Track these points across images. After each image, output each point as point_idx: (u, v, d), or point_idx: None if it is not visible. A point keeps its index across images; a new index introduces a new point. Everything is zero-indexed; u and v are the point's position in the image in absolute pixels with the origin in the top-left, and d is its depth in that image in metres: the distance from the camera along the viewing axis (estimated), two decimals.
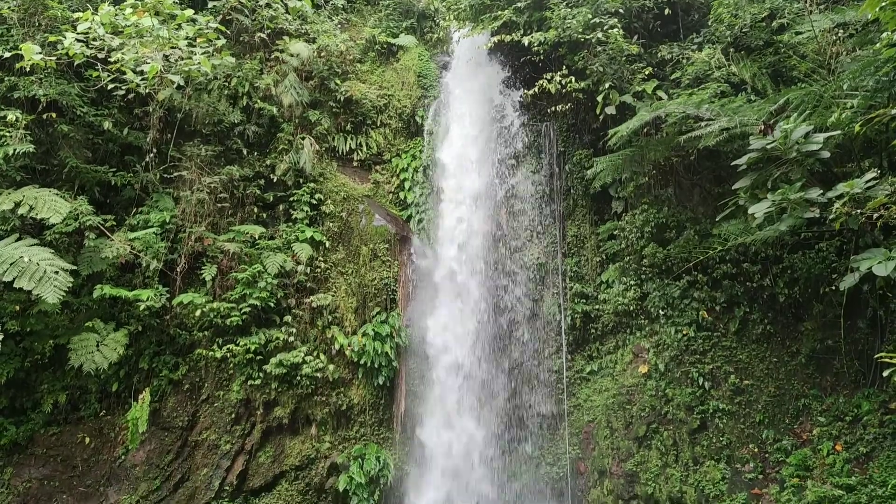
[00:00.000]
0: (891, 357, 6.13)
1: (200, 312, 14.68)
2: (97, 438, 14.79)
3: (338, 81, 17.48)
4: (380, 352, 15.38)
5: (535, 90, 15.83)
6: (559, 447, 15.13)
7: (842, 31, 12.35)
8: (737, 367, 13.42)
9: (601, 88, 14.96)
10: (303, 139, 16.53)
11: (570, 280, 15.93)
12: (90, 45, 11.26)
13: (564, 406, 15.30)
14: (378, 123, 17.77)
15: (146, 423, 14.30)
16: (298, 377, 15.05)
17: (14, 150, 13.00)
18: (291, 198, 16.44)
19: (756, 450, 12.71)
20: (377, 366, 15.42)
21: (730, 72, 13.86)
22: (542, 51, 15.76)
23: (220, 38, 12.50)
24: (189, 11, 11.16)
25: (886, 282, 9.61)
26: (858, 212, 8.50)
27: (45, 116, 13.94)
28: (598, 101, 14.99)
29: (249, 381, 14.99)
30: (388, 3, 19.94)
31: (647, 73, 14.97)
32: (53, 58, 11.50)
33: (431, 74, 18.26)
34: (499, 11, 16.49)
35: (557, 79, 15.45)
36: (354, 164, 17.51)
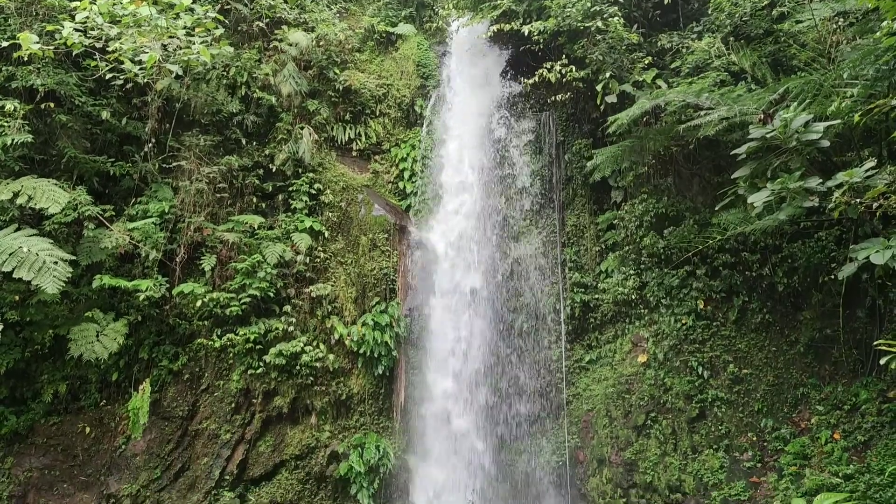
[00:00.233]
0: (889, 345, 6.14)
1: (200, 302, 14.69)
2: (97, 428, 14.84)
3: (336, 71, 17.43)
4: (379, 341, 15.40)
5: (535, 79, 15.77)
6: (558, 436, 15.18)
7: (842, 20, 12.30)
8: (736, 357, 13.45)
9: (601, 78, 14.92)
10: (302, 129, 16.50)
11: (570, 270, 15.94)
12: (88, 35, 11.24)
13: (564, 395, 15.34)
14: (377, 113, 17.74)
15: (147, 415, 14.35)
16: (298, 367, 15.08)
17: (12, 140, 12.98)
18: (290, 188, 16.43)
19: (754, 438, 12.75)
20: (377, 355, 15.45)
21: (729, 61, 13.81)
22: (542, 40, 15.70)
23: (219, 28, 12.47)
24: (187, 0, 11.13)
25: (885, 271, 9.60)
26: (858, 201, 8.49)
27: (43, 106, 13.91)
28: (598, 91, 14.94)
29: (249, 371, 15.02)
30: None
31: (647, 63, 14.92)
32: (51, 47, 11.47)
33: (431, 64, 18.20)
34: (498, 0, 16.42)
35: (557, 68, 15.40)
36: (353, 154, 17.49)
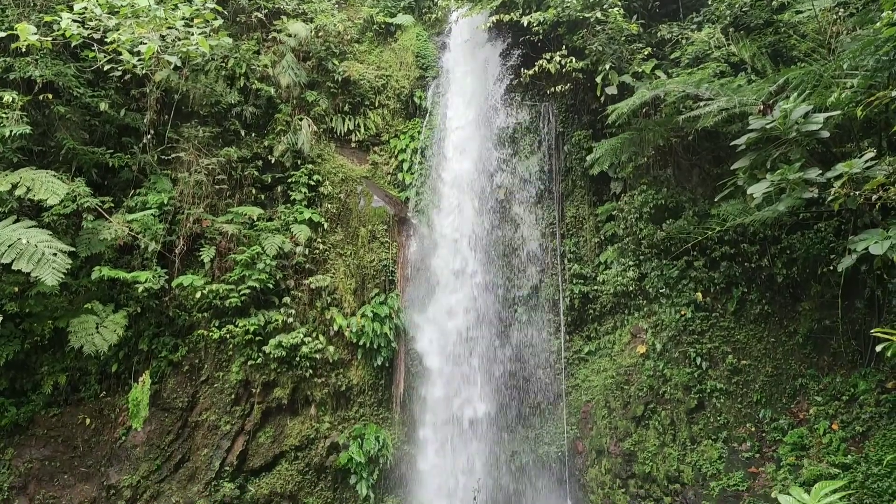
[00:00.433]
0: (889, 333, 6.14)
1: (199, 294, 14.70)
2: (97, 419, 14.86)
3: (335, 62, 17.38)
4: (379, 333, 15.42)
5: (535, 70, 15.74)
6: (558, 427, 15.22)
7: (842, 10, 12.27)
8: (734, 347, 13.47)
9: (600, 69, 14.88)
10: (301, 120, 16.47)
11: (569, 261, 15.94)
12: (86, 26, 11.19)
13: (563, 386, 15.37)
14: (376, 104, 17.69)
15: (147, 406, 14.38)
16: (297, 358, 15.10)
17: (11, 132, 12.95)
18: (289, 179, 16.41)
19: (753, 429, 12.78)
20: (376, 346, 15.47)
21: (729, 51, 13.78)
22: (541, 30, 15.67)
23: (217, 19, 12.43)
24: None
25: (884, 262, 9.61)
26: (857, 192, 8.49)
27: (42, 98, 13.88)
28: (598, 82, 14.91)
29: (249, 363, 15.04)
30: None
31: (647, 53, 14.89)
32: (49, 38, 11.42)
33: (430, 55, 18.14)
34: None
35: (557, 59, 15.37)
36: (352, 146, 17.46)
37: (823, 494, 3.76)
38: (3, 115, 13.12)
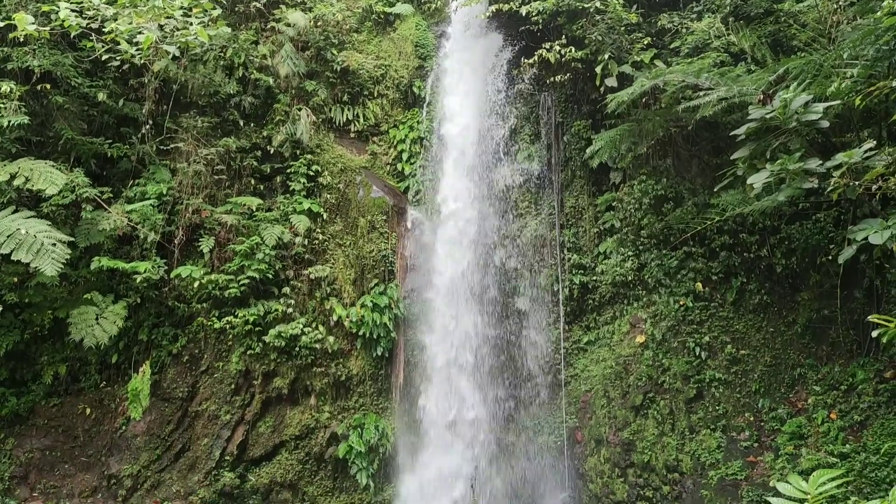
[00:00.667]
0: (885, 320, 6.15)
1: (198, 284, 14.70)
2: (98, 409, 14.92)
3: (334, 51, 17.32)
4: (378, 323, 15.43)
5: (534, 60, 15.69)
6: (557, 416, 15.27)
7: (843, 0, 12.24)
8: (733, 337, 13.50)
9: (600, 58, 14.83)
10: (299, 110, 16.42)
11: (568, 251, 15.94)
12: (84, 15, 11.13)
13: (562, 376, 15.41)
14: (375, 94, 17.64)
15: (147, 396, 14.42)
16: (297, 348, 15.13)
17: (9, 122, 12.93)
18: (288, 169, 16.38)
19: (752, 418, 12.83)
20: (376, 337, 15.48)
21: (729, 41, 13.74)
22: (541, 20, 15.61)
23: (216, 8, 12.36)
24: None
25: (883, 252, 9.61)
26: (856, 182, 8.48)
27: (40, 88, 13.84)
28: (598, 73, 14.87)
29: (249, 353, 15.07)
30: None
31: (646, 43, 14.83)
32: (47, 28, 11.37)
33: (429, 44, 18.06)
34: None
35: (556, 48, 15.32)
36: (351, 136, 17.42)
37: (821, 482, 3.78)
38: (2, 105, 13.07)
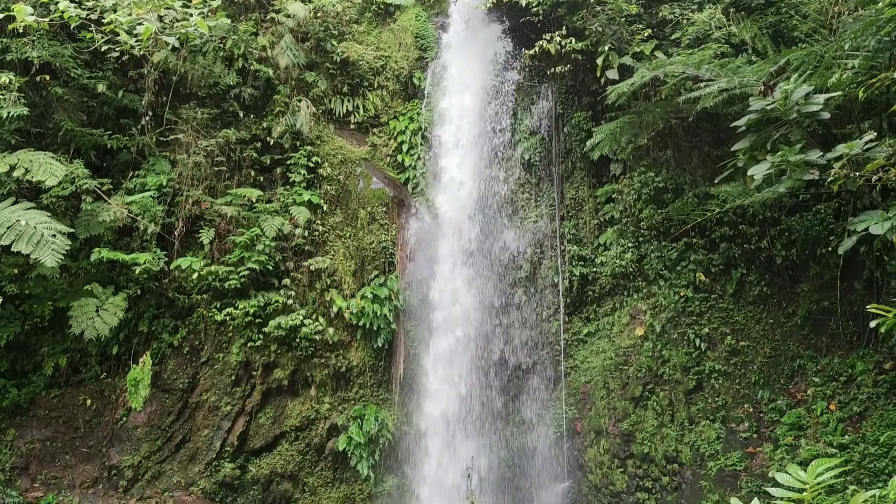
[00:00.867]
0: (886, 310, 6.16)
1: (198, 276, 14.69)
2: (98, 400, 14.94)
3: (334, 42, 17.26)
4: (378, 314, 15.43)
5: (535, 51, 15.66)
6: (556, 407, 15.30)
7: None
8: (733, 329, 13.52)
9: (600, 50, 14.81)
10: (299, 101, 16.39)
11: (568, 243, 15.94)
12: (83, 7, 11.10)
13: (562, 367, 15.43)
14: (375, 85, 17.60)
15: (147, 387, 14.44)
16: (297, 339, 15.14)
17: (8, 113, 12.91)
18: (288, 161, 16.35)
19: (751, 410, 12.86)
20: (376, 328, 15.49)
21: (730, 32, 13.72)
22: (541, 11, 15.58)
23: None
24: None
25: (883, 243, 9.62)
26: (857, 174, 8.48)
27: (39, 79, 13.80)
28: (598, 64, 14.84)
29: (249, 344, 15.08)
30: None
31: (647, 34, 14.80)
32: (46, 19, 11.34)
33: (429, 35, 18.00)
34: None
35: (557, 39, 15.29)
36: (351, 127, 17.39)
37: (820, 473, 3.79)
38: (1, 97, 13.06)
